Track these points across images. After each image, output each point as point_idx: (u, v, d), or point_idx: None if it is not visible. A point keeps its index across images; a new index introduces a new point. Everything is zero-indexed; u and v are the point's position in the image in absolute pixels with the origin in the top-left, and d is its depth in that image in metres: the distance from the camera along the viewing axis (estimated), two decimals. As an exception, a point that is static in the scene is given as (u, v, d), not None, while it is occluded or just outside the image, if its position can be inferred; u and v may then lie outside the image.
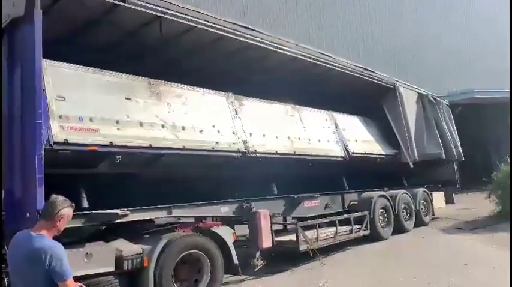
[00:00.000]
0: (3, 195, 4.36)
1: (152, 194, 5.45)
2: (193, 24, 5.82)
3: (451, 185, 12.64)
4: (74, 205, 2.84)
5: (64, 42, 5.41)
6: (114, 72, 5.20)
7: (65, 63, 4.71)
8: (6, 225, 4.30)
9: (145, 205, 5.09)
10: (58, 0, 4.77)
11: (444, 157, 11.08)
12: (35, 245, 2.54)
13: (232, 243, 5.70)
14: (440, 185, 12.41)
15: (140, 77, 5.51)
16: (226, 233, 5.74)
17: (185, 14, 5.71)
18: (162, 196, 5.48)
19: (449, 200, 12.35)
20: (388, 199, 9.51)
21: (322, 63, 8.11)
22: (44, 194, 3.91)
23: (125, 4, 5.03)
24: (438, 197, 11.89)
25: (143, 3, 5.20)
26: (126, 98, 5.16)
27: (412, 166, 10.18)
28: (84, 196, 4.88)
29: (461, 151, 12.24)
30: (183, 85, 6.00)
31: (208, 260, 5.31)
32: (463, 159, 12.38)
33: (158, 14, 5.40)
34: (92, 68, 4.99)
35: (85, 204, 4.82)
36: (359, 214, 8.57)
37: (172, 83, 5.88)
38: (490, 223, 10.31)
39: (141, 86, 5.45)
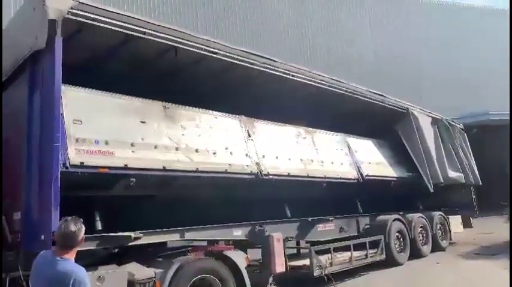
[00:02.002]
0: (19, 217, 4.42)
1: (165, 217, 5.44)
2: (205, 53, 5.97)
3: (468, 209, 12.34)
4: (82, 220, 2.81)
5: (81, 70, 5.55)
6: (129, 96, 5.29)
7: (81, 87, 4.82)
8: (21, 246, 4.35)
9: (158, 227, 5.08)
10: (78, 32, 4.93)
11: (464, 181, 10.86)
12: (59, 269, 2.56)
13: (245, 267, 5.63)
14: (457, 209, 12.12)
15: (155, 100, 5.60)
16: (239, 257, 5.67)
17: (200, 44, 5.86)
18: (174, 218, 5.46)
19: (466, 224, 12.05)
20: (403, 222, 9.33)
21: (333, 89, 8.19)
22: (59, 217, 3.93)
23: (143, 35, 5.22)
24: (455, 221, 11.60)
25: (158, 34, 5.37)
26: (141, 121, 5.24)
27: (432, 190, 10.00)
28: (98, 218, 4.90)
29: (478, 175, 12.01)
30: (196, 108, 6.08)
31: (220, 285, 5.24)
32: (480, 184, 12.13)
33: (172, 43, 5.57)
34: (108, 92, 5.09)
35: (99, 227, 4.83)
36: (374, 238, 8.41)
37: (186, 106, 5.96)
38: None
39: (155, 109, 5.53)
